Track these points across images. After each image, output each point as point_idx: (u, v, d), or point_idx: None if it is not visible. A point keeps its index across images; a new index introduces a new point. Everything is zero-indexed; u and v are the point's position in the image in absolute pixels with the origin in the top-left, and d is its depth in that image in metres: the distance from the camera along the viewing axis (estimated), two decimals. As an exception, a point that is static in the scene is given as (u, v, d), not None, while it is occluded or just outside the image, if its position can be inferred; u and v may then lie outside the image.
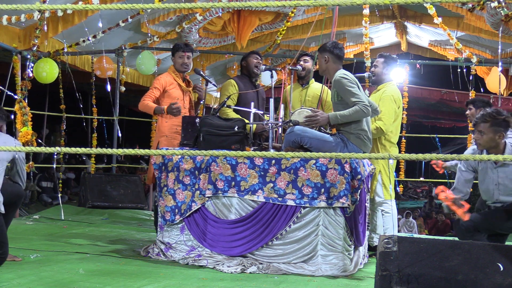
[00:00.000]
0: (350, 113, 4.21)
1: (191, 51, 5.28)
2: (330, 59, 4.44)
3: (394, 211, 5.26)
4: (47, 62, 7.51)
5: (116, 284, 3.39)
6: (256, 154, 2.74)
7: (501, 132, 3.81)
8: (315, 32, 8.07)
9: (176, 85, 5.16)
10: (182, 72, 5.24)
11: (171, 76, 5.19)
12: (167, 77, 5.17)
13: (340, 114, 4.25)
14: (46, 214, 7.25)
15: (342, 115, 4.24)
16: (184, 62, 5.18)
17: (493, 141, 3.81)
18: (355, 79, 4.36)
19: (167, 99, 5.08)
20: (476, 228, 3.88)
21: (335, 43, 4.50)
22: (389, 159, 5.04)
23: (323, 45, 4.53)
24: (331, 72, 4.45)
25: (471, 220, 3.88)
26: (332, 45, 4.46)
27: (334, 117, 4.28)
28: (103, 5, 3.08)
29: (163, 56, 9.55)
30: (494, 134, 3.80)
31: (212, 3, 7.41)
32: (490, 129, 3.81)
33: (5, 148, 2.53)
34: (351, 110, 4.21)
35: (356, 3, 2.56)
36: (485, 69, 8.81)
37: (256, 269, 4.00)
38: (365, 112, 4.21)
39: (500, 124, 3.80)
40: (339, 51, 4.45)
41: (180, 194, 4.41)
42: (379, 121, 5.02)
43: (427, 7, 7.43)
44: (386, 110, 5.08)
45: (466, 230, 3.89)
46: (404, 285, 2.45)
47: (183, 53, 5.18)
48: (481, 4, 6.30)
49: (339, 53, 4.44)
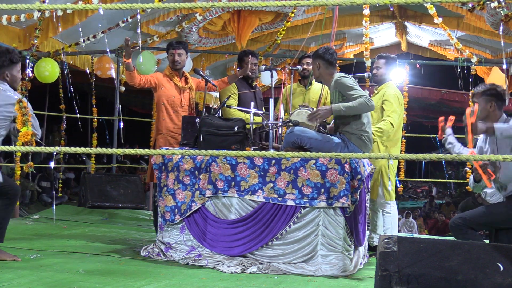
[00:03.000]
0: (354, 104, 4.17)
1: (183, 48, 5.22)
2: (321, 65, 4.43)
3: (394, 211, 5.27)
4: (48, 62, 7.52)
5: (116, 284, 3.39)
6: (256, 154, 2.74)
7: (492, 102, 3.94)
8: (315, 32, 8.07)
9: (171, 84, 5.16)
10: (175, 69, 5.21)
11: (166, 76, 5.19)
12: (160, 75, 5.20)
13: (344, 105, 4.20)
14: (46, 214, 7.24)
15: (346, 106, 4.19)
16: (174, 59, 5.16)
17: (486, 111, 3.94)
18: (353, 79, 4.37)
19: (162, 97, 5.12)
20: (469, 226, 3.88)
21: (326, 49, 4.48)
22: (389, 159, 5.05)
23: (315, 51, 4.52)
24: (325, 77, 4.45)
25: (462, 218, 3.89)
26: (323, 51, 4.45)
27: (337, 107, 4.23)
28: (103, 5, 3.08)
29: (163, 56, 9.54)
30: (485, 103, 3.94)
31: (212, 3, 7.41)
32: (481, 99, 3.96)
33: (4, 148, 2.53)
34: (355, 102, 4.17)
35: (356, 3, 2.56)
36: (485, 69, 8.81)
37: (256, 269, 4.00)
38: (369, 105, 4.18)
39: (491, 94, 3.96)
40: (329, 57, 4.42)
41: (180, 194, 4.41)
42: (387, 119, 5.01)
43: (427, 7, 7.42)
44: (393, 108, 5.08)
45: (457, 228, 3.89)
46: (404, 285, 2.45)
47: (174, 51, 5.16)
48: (481, 4, 6.30)
49: (329, 59, 4.41)
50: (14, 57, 4.05)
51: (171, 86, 5.15)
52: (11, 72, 4.04)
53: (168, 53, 5.22)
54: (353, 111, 4.21)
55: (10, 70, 4.03)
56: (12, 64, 4.04)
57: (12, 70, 4.04)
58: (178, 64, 5.17)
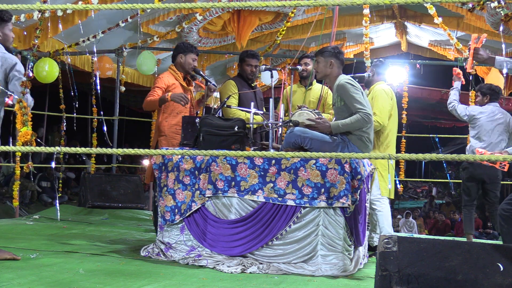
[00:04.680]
0: (351, 121, 4.24)
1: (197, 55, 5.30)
2: (335, 65, 4.45)
3: (386, 209, 5.26)
4: (47, 62, 7.53)
5: (116, 284, 3.39)
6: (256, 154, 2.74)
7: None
8: (315, 32, 8.07)
9: (178, 84, 5.12)
10: (188, 73, 5.21)
11: (173, 75, 5.14)
12: (169, 77, 5.10)
13: (342, 123, 4.28)
14: (46, 214, 7.25)
15: (344, 124, 4.27)
16: (195, 64, 5.18)
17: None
18: (359, 86, 4.37)
19: None
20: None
21: (338, 48, 4.54)
22: (389, 159, 5.06)
23: (325, 49, 4.50)
24: (333, 77, 4.46)
25: None
26: (337, 50, 4.49)
27: (336, 126, 4.30)
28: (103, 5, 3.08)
29: (163, 56, 9.55)
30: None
31: (212, 3, 7.41)
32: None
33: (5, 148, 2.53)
34: (352, 119, 4.24)
35: (356, 3, 2.56)
36: (485, 69, 8.81)
37: (256, 269, 4.00)
38: (366, 121, 4.25)
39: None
40: (343, 57, 4.53)
41: (180, 194, 4.41)
42: (374, 116, 5.04)
43: (427, 7, 7.42)
44: (380, 104, 5.15)
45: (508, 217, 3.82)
46: (404, 285, 2.45)
47: (195, 56, 5.18)
48: (481, 4, 6.29)
49: (343, 59, 4.53)
50: (5, 15, 3.98)
51: (178, 86, 5.13)
52: (3, 30, 3.97)
53: (187, 55, 5.13)
54: (350, 128, 4.28)
55: (2, 29, 3.97)
56: (3, 22, 3.97)
57: (3, 28, 3.97)
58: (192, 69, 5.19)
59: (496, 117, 6.13)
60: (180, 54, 5.16)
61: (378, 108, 5.13)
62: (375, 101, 5.17)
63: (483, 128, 6.11)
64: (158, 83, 5.05)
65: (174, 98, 4.83)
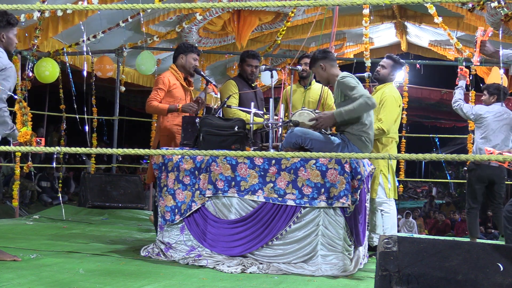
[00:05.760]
0: (354, 106, 4.19)
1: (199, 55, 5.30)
2: (327, 66, 4.44)
3: (393, 211, 5.26)
4: (48, 62, 7.53)
5: (116, 284, 3.39)
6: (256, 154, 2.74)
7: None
8: (315, 32, 8.08)
9: (178, 85, 5.11)
10: (189, 73, 5.20)
11: (174, 75, 5.14)
12: (170, 77, 5.08)
13: (345, 109, 4.22)
14: (46, 214, 7.25)
15: (347, 110, 4.22)
16: (196, 64, 5.17)
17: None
18: (356, 79, 4.37)
19: (169, 98, 5.00)
20: None
21: (321, 50, 4.55)
22: (389, 159, 5.05)
23: (311, 59, 4.53)
24: (333, 77, 4.45)
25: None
26: (321, 52, 4.48)
27: (339, 113, 4.25)
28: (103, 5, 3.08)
29: (163, 56, 9.55)
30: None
31: (212, 3, 7.41)
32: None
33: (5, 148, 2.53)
34: (355, 104, 4.19)
35: (356, 3, 2.56)
36: (485, 69, 8.80)
37: (256, 269, 4.00)
38: (369, 104, 4.19)
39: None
40: (331, 55, 4.49)
41: (180, 194, 4.41)
42: (379, 123, 5.03)
43: (427, 7, 7.43)
44: (388, 110, 5.10)
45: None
46: (404, 285, 2.45)
47: (197, 56, 5.17)
48: (481, 4, 6.29)
49: (332, 57, 4.48)
50: (12, 19, 3.96)
51: (178, 86, 5.13)
52: (7, 34, 3.95)
53: (188, 56, 5.11)
54: (354, 113, 4.23)
55: (7, 32, 3.94)
56: (9, 26, 3.95)
57: (8, 32, 3.95)
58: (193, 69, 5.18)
59: (502, 116, 6.10)
60: (181, 55, 5.16)
61: (385, 114, 5.07)
62: (384, 107, 5.09)
63: (490, 127, 6.05)
64: (159, 83, 5.03)
65: (185, 109, 4.88)
